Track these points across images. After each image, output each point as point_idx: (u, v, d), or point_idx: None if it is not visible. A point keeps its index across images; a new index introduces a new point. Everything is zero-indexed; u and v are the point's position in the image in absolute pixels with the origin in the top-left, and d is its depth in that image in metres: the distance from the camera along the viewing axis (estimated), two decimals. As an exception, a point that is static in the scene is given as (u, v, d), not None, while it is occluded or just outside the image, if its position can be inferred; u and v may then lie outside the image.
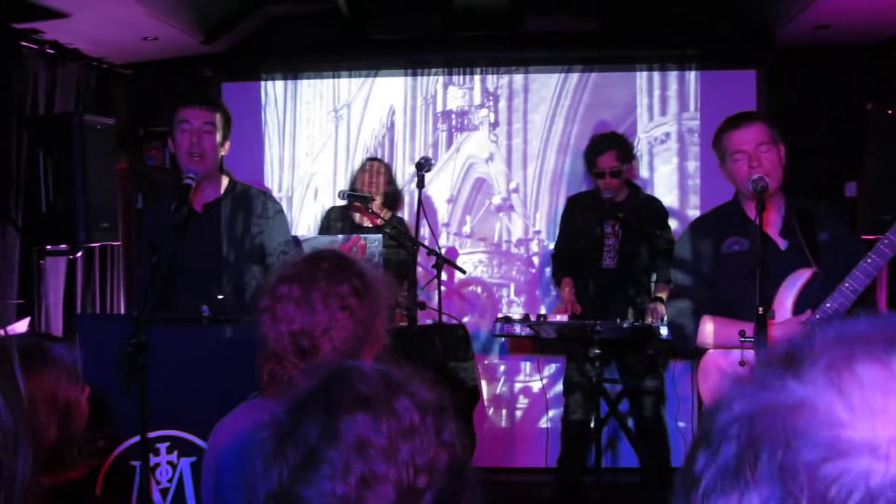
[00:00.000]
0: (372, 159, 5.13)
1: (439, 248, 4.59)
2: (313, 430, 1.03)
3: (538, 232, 5.67)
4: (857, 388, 0.54)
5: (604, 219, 4.74)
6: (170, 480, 2.87)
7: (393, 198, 5.07)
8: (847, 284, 2.93)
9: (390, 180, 5.06)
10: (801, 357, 0.59)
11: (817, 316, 2.95)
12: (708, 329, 3.13)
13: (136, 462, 2.78)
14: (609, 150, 4.67)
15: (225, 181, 3.50)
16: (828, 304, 2.95)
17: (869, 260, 2.92)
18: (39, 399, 1.65)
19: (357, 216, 4.95)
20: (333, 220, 4.98)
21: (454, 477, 1.05)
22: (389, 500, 0.99)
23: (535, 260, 5.65)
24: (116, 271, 5.36)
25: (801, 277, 3.03)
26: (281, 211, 3.58)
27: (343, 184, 5.41)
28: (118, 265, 5.37)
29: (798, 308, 3.01)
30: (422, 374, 1.14)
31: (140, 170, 5.62)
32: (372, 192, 4.86)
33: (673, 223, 5.10)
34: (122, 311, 5.34)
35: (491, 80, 5.71)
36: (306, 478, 1.00)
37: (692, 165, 5.56)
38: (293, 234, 4.31)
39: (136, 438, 2.73)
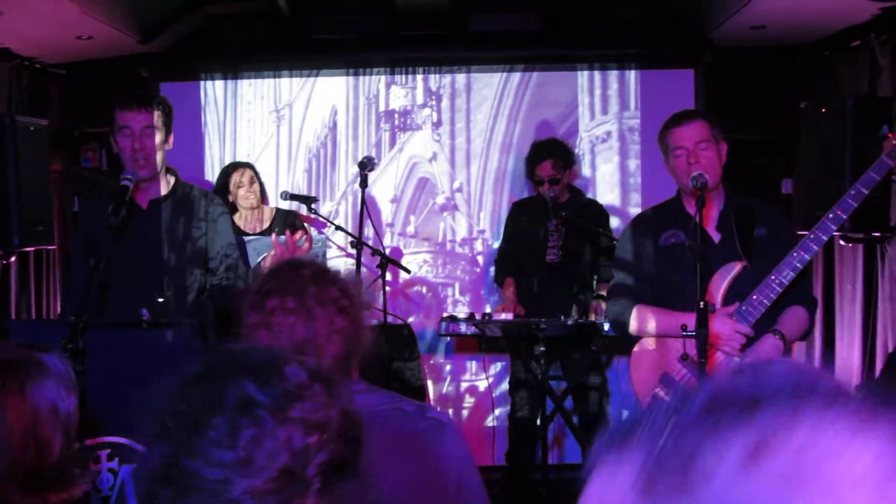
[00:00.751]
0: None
1: (384, 248, 4.57)
2: (197, 400, 1.00)
3: (482, 231, 5.68)
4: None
5: (546, 219, 4.78)
6: (111, 488, 2.80)
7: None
8: (773, 277, 3.02)
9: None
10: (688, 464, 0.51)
11: (743, 307, 3.04)
12: (648, 318, 3.19)
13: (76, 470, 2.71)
14: (546, 158, 4.72)
15: (171, 180, 3.44)
16: (754, 296, 3.04)
17: (795, 254, 3.02)
18: (44, 411, 1.59)
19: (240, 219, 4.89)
20: (276, 223, 4.93)
21: (349, 442, 1.03)
22: (281, 459, 0.96)
23: (480, 259, 5.66)
24: (52, 276, 5.23)
25: (731, 270, 3.12)
26: (225, 213, 3.53)
27: (286, 184, 5.36)
28: (54, 269, 5.24)
29: (727, 300, 3.10)
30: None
31: (75, 172, 5.49)
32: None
33: (614, 221, 5.17)
34: (59, 315, 5.21)
35: (434, 79, 5.70)
36: (192, 448, 0.97)
37: (633, 164, 5.63)
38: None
39: (75, 446, 2.66)
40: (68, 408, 1.67)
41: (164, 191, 3.41)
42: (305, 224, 5.02)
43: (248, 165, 5.01)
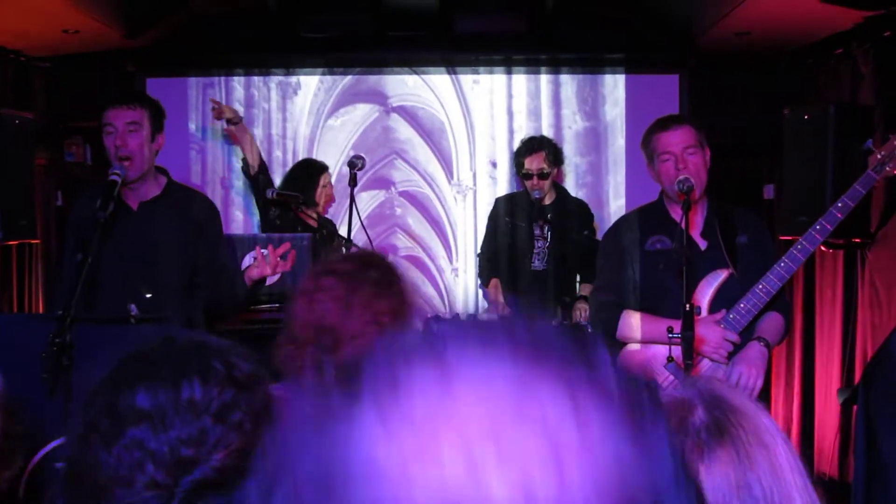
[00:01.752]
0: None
1: (373, 247, 4.56)
2: (99, 401, 1.08)
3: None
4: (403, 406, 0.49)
5: (532, 220, 4.79)
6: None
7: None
8: (761, 286, 3.06)
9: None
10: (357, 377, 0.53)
11: (731, 315, 3.07)
12: (633, 323, 3.20)
13: (60, 464, 2.70)
14: (537, 151, 4.72)
15: (163, 181, 3.42)
16: (741, 305, 3.07)
17: (782, 264, 3.06)
18: None
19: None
20: (271, 219, 4.92)
21: (237, 457, 1.06)
22: (148, 472, 1.03)
23: (461, 263, 5.68)
24: (35, 270, 5.19)
25: (718, 277, 3.15)
26: (218, 219, 3.53)
27: (276, 182, 5.35)
28: (37, 264, 5.20)
29: (714, 307, 3.13)
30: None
31: (60, 166, 5.45)
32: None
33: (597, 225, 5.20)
34: (42, 310, 5.17)
35: (419, 79, 5.72)
36: (87, 444, 1.06)
37: (618, 167, 5.67)
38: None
39: (61, 440, 2.65)
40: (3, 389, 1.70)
41: (155, 192, 3.38)
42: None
43: (327, 168, 5.03)
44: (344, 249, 4.27)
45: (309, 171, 4.96)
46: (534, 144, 4.79)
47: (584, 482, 0.41)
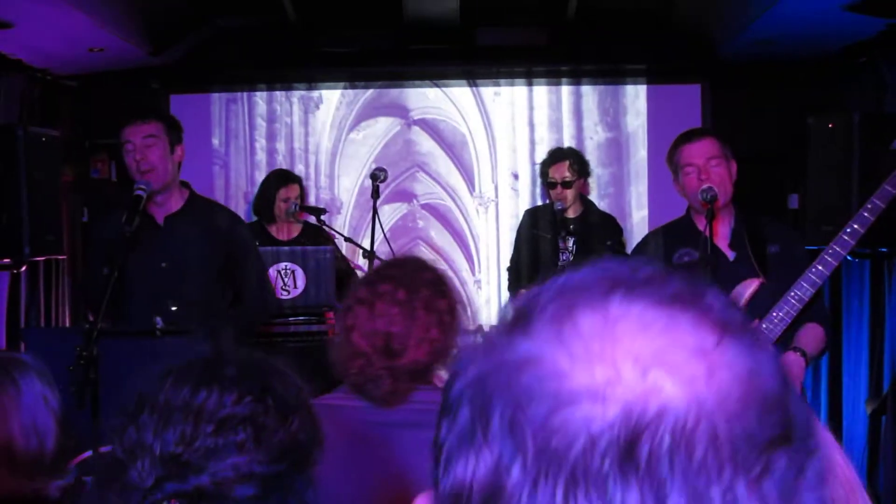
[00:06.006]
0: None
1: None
2: (138, 396, 1.15)
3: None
4: (576, 338, 0.55)
5: (557, 234, 4.78)
6: (122, 496, 2.81)
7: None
8: (793, 294, 3.01)
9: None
10: (528, 313, 0.59)
11: (764, 325, 3.03)
12: None
13: (89, 478, 2.72)
14: (563, 160, 4.72)
15: (186, 193, 3.45)
16: (774, 313, 3.03)
17: (814, 270, 3.01)
18: (38, 402, 1.64)
19: (275, 228, 4.90)
20: (304, 235, 4.93)
21: (235, 474, 1.07)
22: (140, 465, 1.08)
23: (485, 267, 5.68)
24: (61, 285, 5.24)
25: (749, 287, 3.11)
26: (244, 225, 3.56)
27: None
28: (63, 279, 5.25)
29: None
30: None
31: (86, 183, 5.52)
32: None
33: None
34: (68, 324, 5.22)
35: (441, 93, 5.73)
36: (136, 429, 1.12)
37: (640, 178, 5.65)
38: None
39: (89, 453, 2.67)
40: (55, 399, 1.73)
41: (179, 205, 3.41)
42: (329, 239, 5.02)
43: (297, 180, 5.03)
44: (364, 261, 4.28)
45: (271, 184, 4.96)
46: (558, 154, 4.79)
47: (732, 391, 0.53)
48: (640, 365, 0.53)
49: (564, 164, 4.71)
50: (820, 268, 3.01)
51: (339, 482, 1.61)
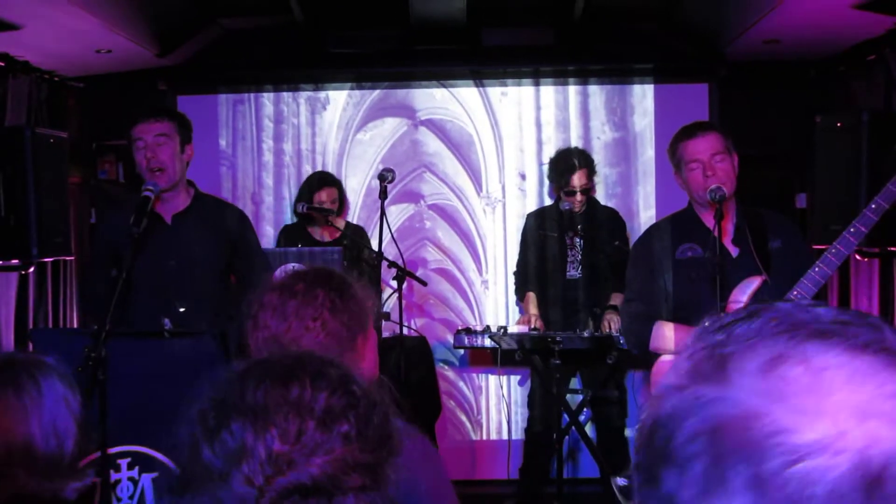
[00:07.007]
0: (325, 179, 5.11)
1: (403, 261, 4.55)
2: (212, 397, 1.11)
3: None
4: (790, 393, 0.61)
5: (564, 231, 4.78)
6: (131, 497, 2.82)
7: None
8: (796, 293, 3.01)
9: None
10: (724, 363, 0.64)
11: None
12: (667, 334, 3.17)
13: (97, 479, 2.72)
14: (582, 168, 4.72)
15: (192, 192, 3.46)
16: None
17: (817, 269, 3.00)
18: (59, 404, 1.64)
19: (318, 231, 4.95)
20: (288, 242, 4.94)
21: (338, 467, 1.05)
22: (243, 468, 1.03)
23: (493, 273, 5.67)
24: (69, 286, 5.26)
25: (751, 285, 3.11)
26: (250, 224, 3.56)
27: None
28: (71, 280, 5.27)
29: (748, 315, 3.07)
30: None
31: (93, 184, 5.53)
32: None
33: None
34: (76, 325, 5.24)
35: (447, 93, 5.73)
36: (191, 438, 1.08)
37: (647, 177, 5.64)
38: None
39: (97, 454, 2.68)
40: (76, 401, 1.73)
41: (186, 203, 3.42)
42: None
43: (334, 183, 5.05)
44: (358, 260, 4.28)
45: (312, 187, 5.02)
46: (574, 161, 4.75)
47: None
48: (856, 417, 0.59)
49: (584, 172, 4.73)
50: (823, 267, 3.01)
51: None
